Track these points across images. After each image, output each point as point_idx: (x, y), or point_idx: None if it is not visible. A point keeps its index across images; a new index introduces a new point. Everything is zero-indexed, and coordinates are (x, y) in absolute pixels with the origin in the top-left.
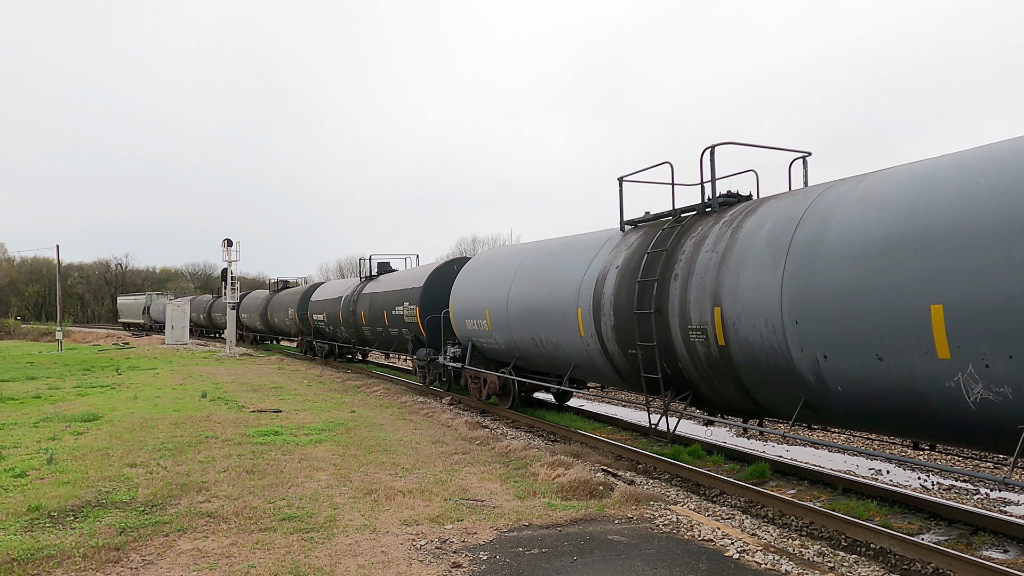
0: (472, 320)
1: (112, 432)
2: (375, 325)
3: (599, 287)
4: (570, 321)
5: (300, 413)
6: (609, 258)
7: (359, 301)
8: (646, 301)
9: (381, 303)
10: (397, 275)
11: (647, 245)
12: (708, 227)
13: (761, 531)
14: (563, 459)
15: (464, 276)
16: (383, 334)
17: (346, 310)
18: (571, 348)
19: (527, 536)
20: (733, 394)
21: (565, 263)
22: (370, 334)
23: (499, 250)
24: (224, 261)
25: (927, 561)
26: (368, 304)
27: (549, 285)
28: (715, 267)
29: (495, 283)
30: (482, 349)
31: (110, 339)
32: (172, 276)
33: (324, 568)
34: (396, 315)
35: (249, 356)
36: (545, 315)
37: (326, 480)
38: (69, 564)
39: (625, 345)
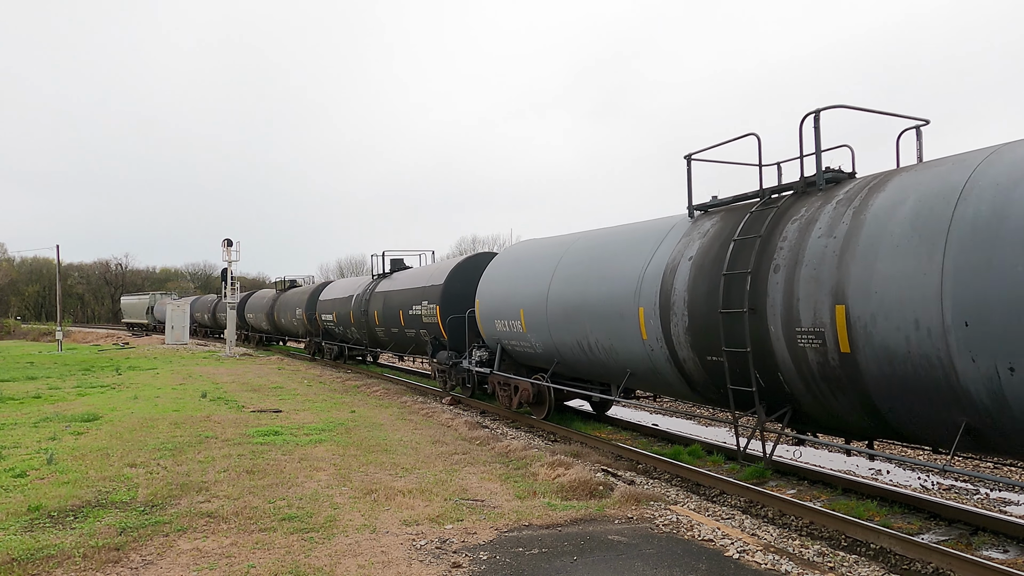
0: (502, 321)
1: (112, 432)
2: (389, 326)
3: (667, 283)
4: (628, 322)
5: (300, 413)
6: (679, 248)
7: (371, 300)
8: (736, 298)
9: (396, 302)
10: (413, 272)
11: (731, 231)
12: (816, 208)
13: (761, 531)
14: (563, 459)
15: (493, 272)
16: (398, 335)
17: (357, 310)
18: (628, 354)
19: (527, 536)
20: (853, 413)
21: (621, 255)
22: (383, 335)
23: (534, 243)
24: (224, 261)
25: (927, 561)
26: (381, 303)
27: (601, 281)
28: (834, 256)
29: (531, 279)
30: (513, 353)
31: (110, 339)
32: (172, 276)
33: (324, 568)
34: (413, 315)
35: (249, 356)
36: (596, 315)
37: (326, 480)
38: (69, 564)
39: (702, 351)
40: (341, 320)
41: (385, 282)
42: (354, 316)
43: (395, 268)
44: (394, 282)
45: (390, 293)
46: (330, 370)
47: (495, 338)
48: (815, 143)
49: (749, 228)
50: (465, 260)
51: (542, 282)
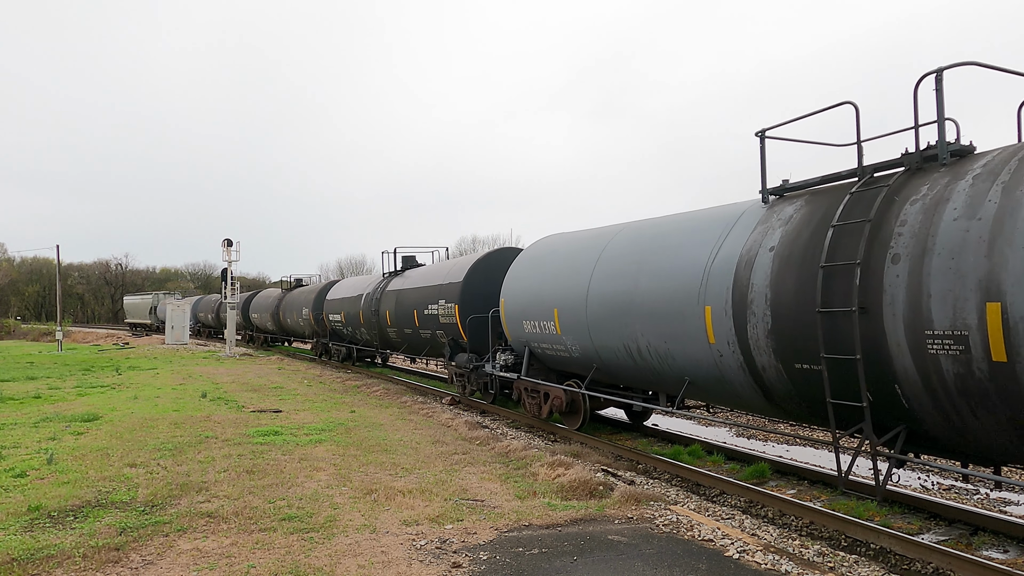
0: (532, 322)
1: (112, 432)
2: (402, 326)
3: (742, 277)
4: (691, 323)
5: (300, 413)
6: (754, 238)
7: (383, 299)
8: (838, 295)
9: (410, 301)
10: (428, 269)
11: (825, 216)
12: (944, 185)
13: (761, 531)
14: (563, 459)
15: (521, 269)
16: (412, 337)
17: (367, 310)
18: (689, 359)
19: (527, 536)
20: (999, 435)
21: (679, 247)
22: (396, 336)
23: (568, 236)
24: (224, 261)
25: (927, 561)
26: (394, 303)
27: (655, 276)
28: (981, 242)
29: (566, 276)
30: (543, 357)
31: (110, 339)
32: (172, 276)
33: (324, 568)
34: (429, 315)
35: (249, 356)
36: (649, 316)
37: (326, 480)
38: (69, 564)
39: (789, 357)
40: (350, 320)
41: (397, 280)
42: (364, 316)
43: (407, 265)
44: (407, 280)
45: (403, 292)
46: (330, 370)
47: (522, 340)
48: (937, 109)
49: (851, 211)
50: (486, 256)
51: (580, 279)
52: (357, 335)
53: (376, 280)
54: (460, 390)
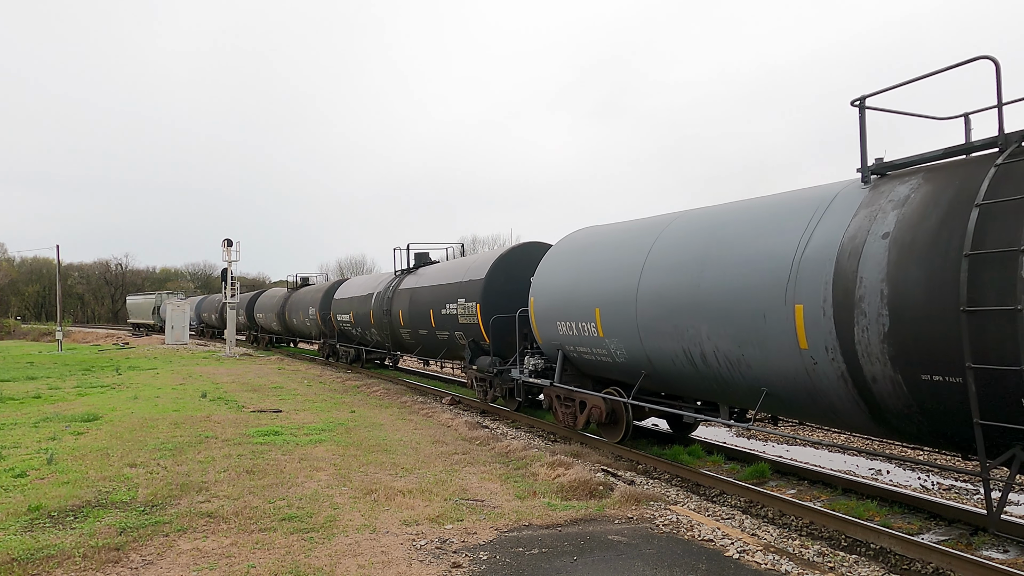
0: (568, 323)
1: (112, 432)
2: (417, 327)
3: (845, 270)
4: (775, 325)
5: (300, 413)
6: (859, 223)
7: (395, 298)
8: (991, 290)
9: (426, 300)
10: (444, 266)
11: (962, 194)
12: None
13: (761, 531)
14: (563, 459)
15: (553, 264)
16: (427, 338)
17: (379, 309)
18: (770, 367)
19: (527, 536)
20: None
21: (754, 237)
22: (409, 337)
23: (608, 228)
24: (224, 261)
25: (927, 561)
26: (407, 302)
27: (725, 270)
28: None
29: (611, 271)
30: (580, 362)
31: (110, 339)
32: (172, 276)
33: (324, 568)
34: (447, 315)
35: (249, 356)
36: (718, 316)
37: (326, 480)
38: (69, 564)
39: (913, 367)
40: (359, 321)
41: (411, 278)
42: (374, 316)
43: (420, 263)
44: (421, 278)
45: (418, 290)
46: (330, 370)
47: (555, 343)
48: None
49: (1001, 188)
50: (510, 251)
51: (628, 275)
52: (367, 336)
53: (387, 278)
54: (481, 396)
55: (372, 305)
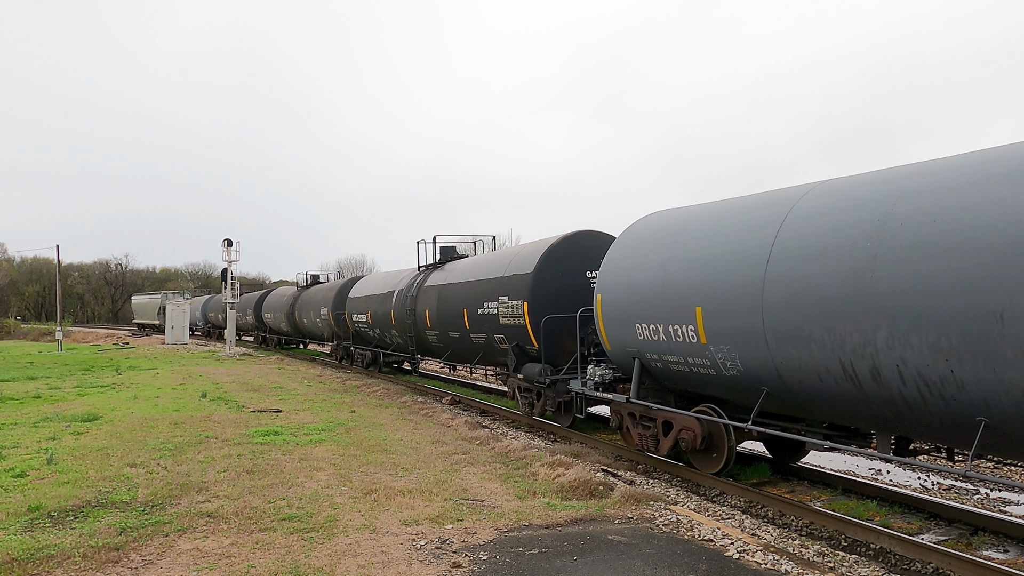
0: (651, 325)
1: (112, 432)
2: (447, 329)
3: None
4: (1017, 329)
5: (300, 413)
6: None
7: (420, 297)
8: None
9: (458, 298)
10: (481, 260)
11: None
12: None
13: (761, 531)
14: (563, 459)
15: (628, 253)
16: (460, 341)
17: (401, 309)
18: (1001, 389)
19: (527, 536)
20: None
21: (975, 206)
22: (437, 340)
23: (701, 209)
24: (224, 261)
25: (927, 561)
26: (435, 300)
27: (920, 254)
28: None
29: (718, 259)
30: (663, 374)
31: (110, 339)
32: (172, 276)
33: (324, 568)
34: (485, 315)
35: (249, 356)
36: (914, 317)
37: (326, 480)
38: (69, 564)
39: None
40: (378, 321)
41: (438, 274)
42: (396, 316)
43: (448, 257)
44: (451, 273)
45: (448, 288)
46: (330, 370)
47: (630, 350)
48: None
49: None
50: (563, 240)
51: (747, 263)
52: (386, 338)
53: (409, 275)
54: (526, 408)
55: (393, 304)
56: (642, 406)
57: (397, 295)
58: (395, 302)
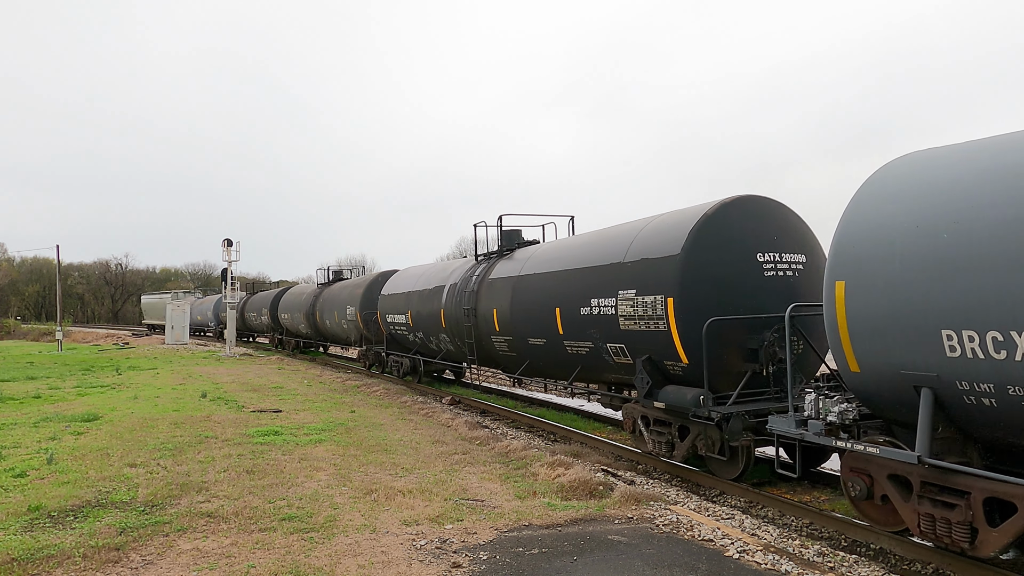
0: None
1: (112, 432)
2: (525, 333)
3: None
4: None
5: (300, 413)
6: None
7: (483, 292)
8: None
9: (544, 294)
10: (578, 242)
11: None
12: None
13: (761, 531)
14: (563, 459)
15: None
16: (548, 351)
17: (454, 308)
18: None
19: (527, 536)
20: None
21: None
22: (509, 348)
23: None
24: (224, 261)
25: (927, 561)
26: (507, 297)
27: None
28: None
29: None
30: (987, 417)
31: (110, 339)
32: (172, 276)
33: (324, 568)
34: (593, 317)
35: (249, 356)
36: None
37: (326, 480)
38: (69, 564)
39: None
40: (421, 323)
41: (507, 264)
42: (448, 317)
43: (514, 242)
44: (531, 262)
45: (528, 280)
46: (330, 370)
47: (918, 374)
48: None
49: None
50: (723, 208)
51: None
52: (432, 343)
53: (462, 266)
54: (655, 448)
55: (443, 303)
56: (938, 471)
57: (449, 291)
58: (446, 300)
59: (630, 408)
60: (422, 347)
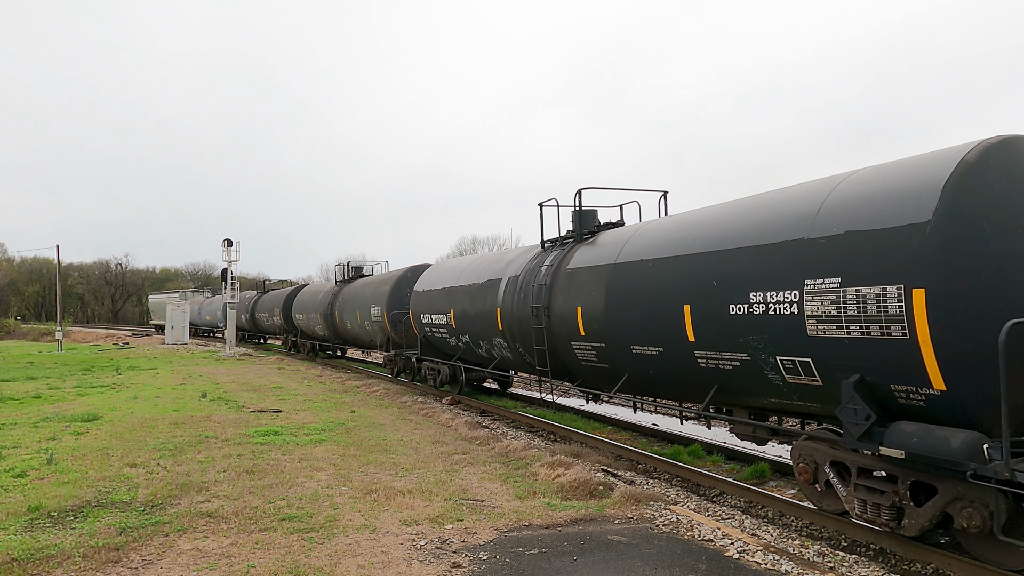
0: None
1: (112, 432)
2: (631, 341)
3: None
4: None
5: (300, 413)
6: None
7: (558, 286)
8: None
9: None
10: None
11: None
12: None
13: (761, 531)
14: (563, 459)
15: None
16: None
17: (516, 306)
18: None
19: (527, 536)
20: None
21: None
22: (597, 359)
23: None
24: (224, 261)
25: (927, 561)
26: (598, 292)
27: None
28: None
29: None
30: None
31: (110, 339)
32: (172, 276)
33: (324, 568)
34: (760, 318)
35: (249, 356)
36: None
37: (326, 480)
38: (69, 564)
39: None
40: (467, 324)
41: (588, 251)
42: (505, 317)
43: (591, 225)
44: (629, 247)
45: (630, 269)
46: (330, 370)
47: None
48: None
49: None
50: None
51: None
52: (482, 348)
53: (526, 255)
54: (860, 511)
55: (500, 299)
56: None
57: (508, 286)
58: (504, 297)
59: (809, 449)
60: (467, 353)
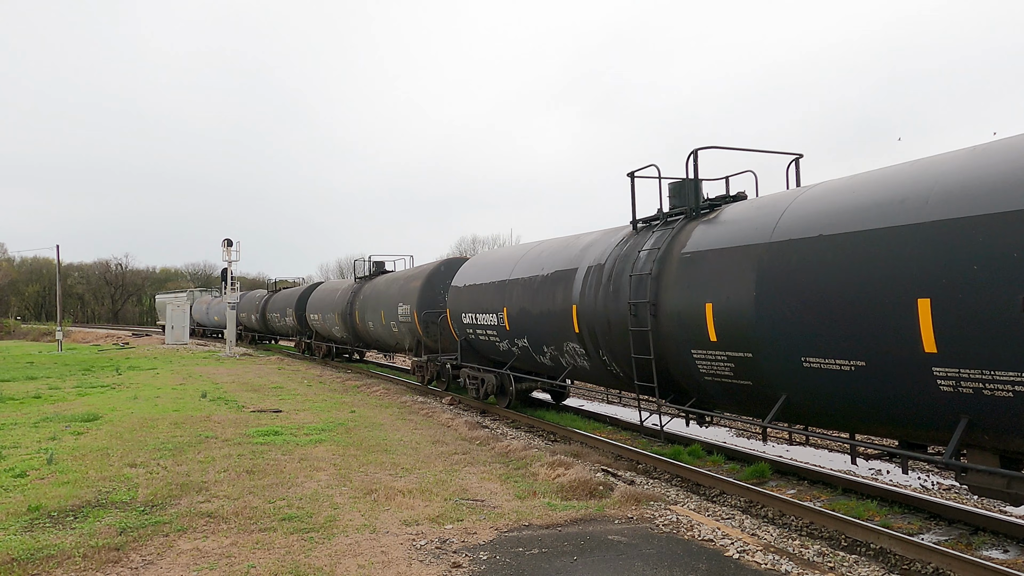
0: None
1: (112, 432)
2: (799, 351)
3: None
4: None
5: (300, 413)
6: None
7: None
8: None
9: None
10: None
11: None
12: None
13: (761, 531)
14: (563, 459)
15: None
16: (874, 379)
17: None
18: None
19: (527, 536)
20: None
21: None
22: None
23: None
24: (224, 261)
25: (927, 561)
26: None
27: None
28: None
29: None
30: None
31: (110, 339)
32: (172, 276)
33: (324, 568)
34: None
35: (249, 356)
36: None
37: (326, 480)
38: (69, 564)
39: None
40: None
41: (709, 230)
42: (585, 318)
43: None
44: (787, 219)
45: (805, 245)
46: (330, 370)
47: None
48: None
49: None
50: None
51: None
52: (545, 355)
53: (609, 238)
54: None
55: (577, 294)
56: None
57: (588, 278)
58: (583, 291)
59: None
60: (521, 360)
